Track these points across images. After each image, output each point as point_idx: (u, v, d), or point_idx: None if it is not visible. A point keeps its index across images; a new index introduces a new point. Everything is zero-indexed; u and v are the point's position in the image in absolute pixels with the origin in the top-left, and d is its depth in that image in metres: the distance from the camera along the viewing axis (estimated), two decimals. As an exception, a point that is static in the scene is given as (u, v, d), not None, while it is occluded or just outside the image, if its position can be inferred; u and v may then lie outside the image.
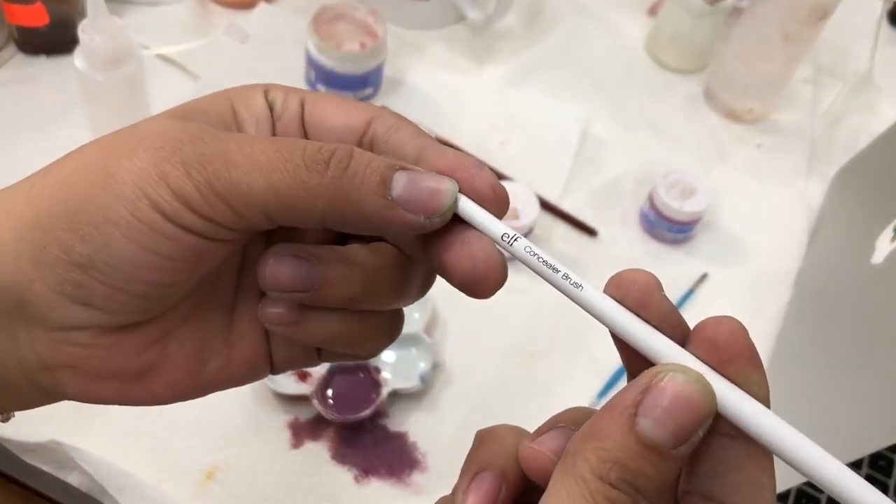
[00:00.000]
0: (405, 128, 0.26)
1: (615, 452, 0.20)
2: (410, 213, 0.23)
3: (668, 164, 0.72)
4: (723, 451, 0.22)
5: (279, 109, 0.27)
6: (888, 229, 0.56)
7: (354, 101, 0.28)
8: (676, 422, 0.20)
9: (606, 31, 0.86)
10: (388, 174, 0.23)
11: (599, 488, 0.20)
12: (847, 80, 0.82)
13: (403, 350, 0.59)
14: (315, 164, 0.23)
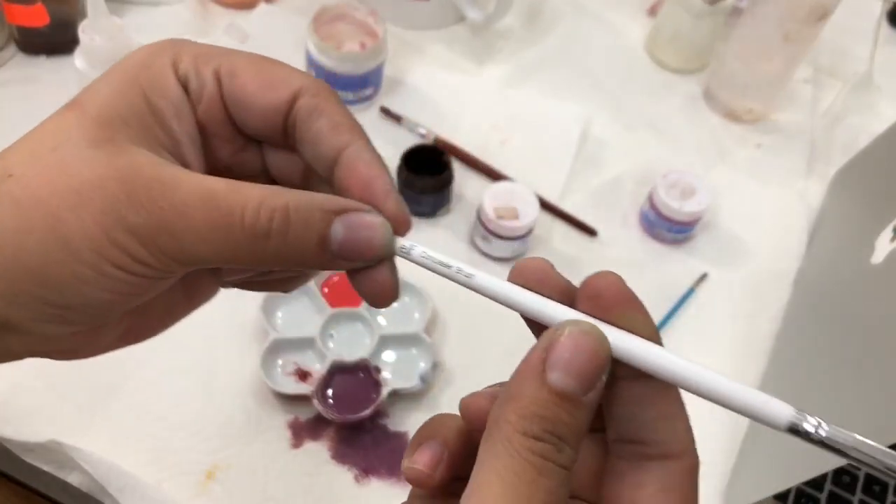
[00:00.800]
0: (325, 114, 0.26)
1: (532, 407, 0.22)
2: (350, 262, 0.25)
3: (667, 164, 0.73)
4: (629, 394, 0.24)
5: (195, 88, 0.26)
6: (888, 229, 0.56)
7: (275, 69, 0.27)
8: (580, 369, 0.22)
9: (606, 32, 0.86)
10: (326, 232, 0.24)
11: (524, 443, 0.21)
12: (847, 80, 0.82)
13: (403, 350, 0.59)
14: (255, 238, 0.24)
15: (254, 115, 0.27)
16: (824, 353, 0.58)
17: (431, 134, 0.72)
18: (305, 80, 0.27)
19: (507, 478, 0.21)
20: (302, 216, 0.24)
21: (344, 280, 0.62)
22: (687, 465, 0.24)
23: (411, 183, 0.65)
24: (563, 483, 0.22)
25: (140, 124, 0.25)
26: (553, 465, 0.21)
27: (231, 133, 0.28)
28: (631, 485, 0.24)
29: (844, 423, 0.52)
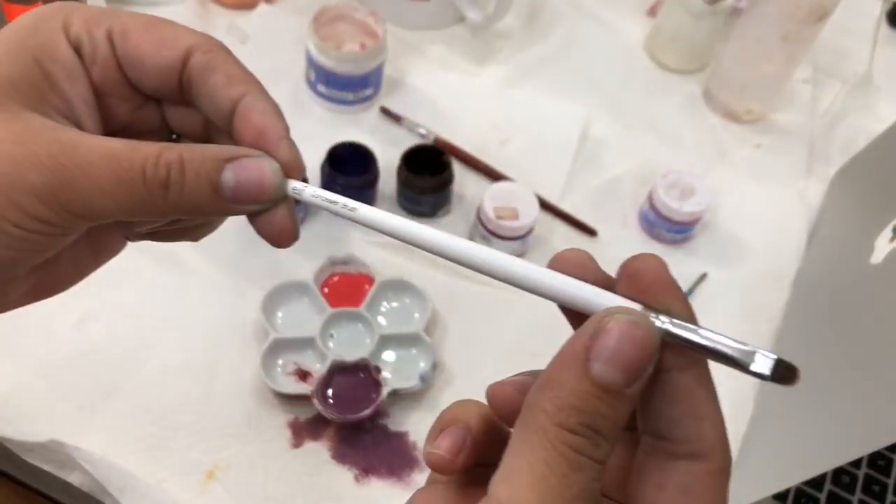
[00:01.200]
0: (219, 69, 0.27)
1: (571, 398, 0.21)
2: (245, 205, 0.26)
3: (667, 165, 0.73)
4: (661, 388, 0.23)
5: (88, 50, 0.27)
6: (887, 229, 0.56)
7: (166, 28, 0.27)
8: (627, 361, 0.21)
9: (606, 32, 0.86)
10: (217, 179, 0.26)
11: (559, 435, 0.21)
12: (846, 81, 0.82)
13: (403, 350, 0.59)
14: (156, 189, 0.25)
15: (149, 73, 0.27)
16: (823, 352, 0.58)
17: (431, 134, 0.72)
18: (197, 37, 0.27)
19: (538, 469, 0.21)
20: (194, 166, 0.25)
21: (344, 280, 0.62)
22: (713, 468, 0.23)
23: (411, 183, 0.65)
24: (596, 477, 0.21)
25: (32, 89, 0.26)
26: (587, 460, 0.21)
27: (128, 92, 0.28)
28: (654, 485, 0.23)
29: (843, 422, 0.52)
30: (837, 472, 0.58)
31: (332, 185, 0.64)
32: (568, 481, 0.21)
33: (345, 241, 0.65)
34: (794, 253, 0.71)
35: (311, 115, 0.73)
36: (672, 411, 0.23)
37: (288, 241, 0.28)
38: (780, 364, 0.22)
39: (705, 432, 0.23)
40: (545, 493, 0.21)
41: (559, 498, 0.21)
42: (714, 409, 0.23)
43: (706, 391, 0.23)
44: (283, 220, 0.27)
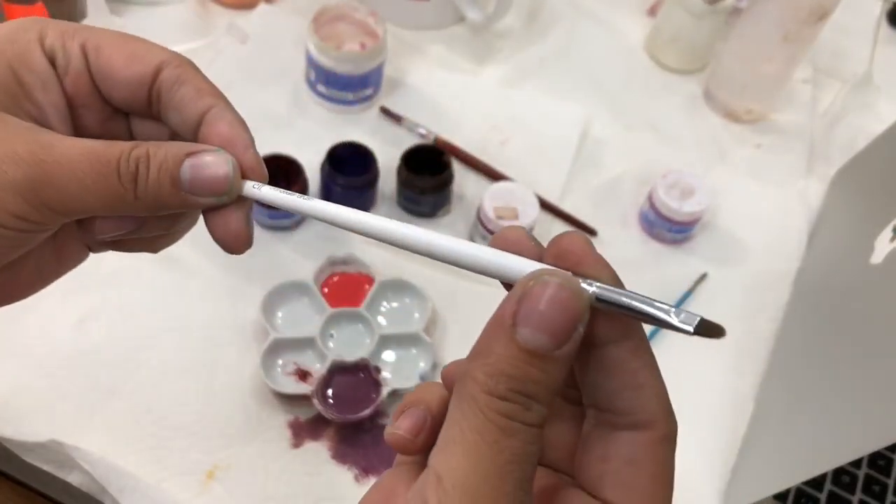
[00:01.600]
0: (188, 82, 0.29)
1: (500, 365, 0.21)
2: (203, 197, 0.27)
3: (667, 165, 0.73)
4: (594, 362, 0.23)
5: (62, 62, 0.28)
6: (887, 229, 0.56)
7: (138, 43, 0.29)
8: (553, 323, 0.21)
9: (606, 32, 0.86)
10: (176, 172, 0.27)
11: (489, 403, 0.21)
12: (846, 81, 0.82)
13: (403, 350, 0.59)
14: (128, 182, 0.26)
15: (120, 86, 0.28)
16: (824, 352, 0.58)
17: (431, 134, 0.72)
18: (167, 53, 0.29)
19: (470, 437, 0.21)
20: (158, 160, 0.27)
21: (344, 280, 0.62)
22: (656, 436, 0.23)
23: (411, 183, 0.65)
24: (530, 441, 0.21)
25: (7, 96, 0.27)
26: (519, 425, 0.21)
27: (98, 104, 0.29)
28: (598, 458, 0.23)
29: (844, 422, 0.52)
30: (837, 472, 0.58)
31: (332, 185, 0.64)
32: (499, 447, 0.21)
33: (345, 241, 0.65)
34: (794, 253, 0.71)
35: (311, 115, 0.73)
36: (611, 384, 0.23)
37: (240, 247, 0.29)
38: (703, 322, 0.22)
39: (645, 402, 0.23)
40: (477, 461, 0.21)
41: (491, 465, 0.21)
42: (653, 378, 0.24)
43: (643, 362, 0.23)
44: (238, 223, 0.28)
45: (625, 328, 0.23)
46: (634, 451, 0.23)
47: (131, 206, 0.27)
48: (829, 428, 0.51)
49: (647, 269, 0.68)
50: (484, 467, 0.21)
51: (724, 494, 0.57)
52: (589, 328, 0.23)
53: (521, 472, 0.21)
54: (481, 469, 0.21)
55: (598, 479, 0.23)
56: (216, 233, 0.29)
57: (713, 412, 0.61)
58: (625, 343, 0.23)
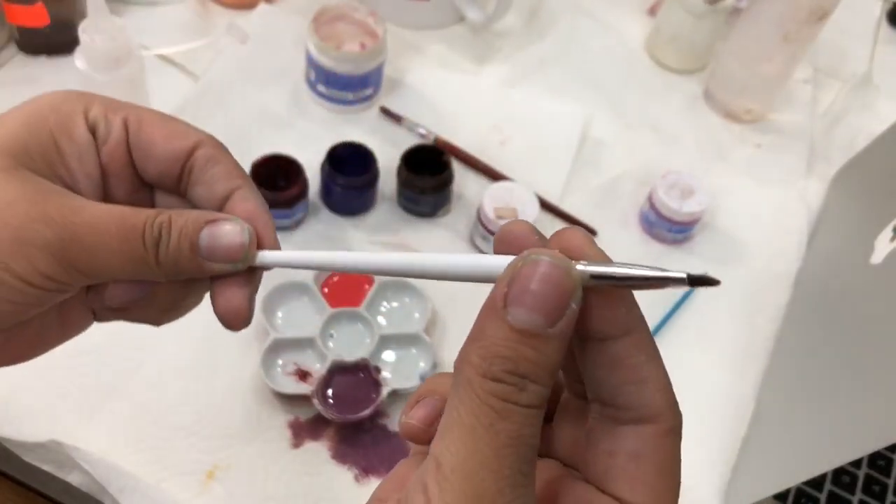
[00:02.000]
0: (222, 163, 0.30)
1: (493, 347, 0.21)
2: (217, 263, 0.29)
3: (667, 165, 0.73)
4: (597, 358, 0.23)
5: (102, 133, 0.29)
6: (887, 229, 0.56)
7: (178, 123, 0.30)
8: (545, 301, 0.21)
9: (606, 32, 0.86)
10: (195, 238, 0.28)
11: (484, 385, 0.21)
12: (846, 81, 0.82)
13: (403, 350, 0.59)
14: (151, 247, 0.28)
15: (157, 159, 0.30)
16: (824, 353, 0.58)
17: (431, 134, 0.72)
18: (204, 134, 0.31)
19: (467, 421, 0.21)
20: (179, 226, 0.28)
21: (344, 280, 0.62)
22: (661, 430, 0.23)
23: (411, 183, 0.65)
24: (528, 423, 0.21)
25: (44, 160, 0.28)
26: (515, 407, 0.21)
27: (129, 176, 0.31)
28: (604, 452, 0.23)
29: (843, 422, 0.52)
30: (837, 472, 0.58)
31: (332, 185, 0.64)
32: (495, 430, 0.21)
33: (345, 241, 0.65)
34: (794, 253, 0.71)
35: (311, 115, 0.73)
36: (614, 379, 0.23)
37: (238, 324, 0.30)
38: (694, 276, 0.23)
39: (649, 396, 0.23)
40: (474, 445, 0.21)
41: (488, 448, 0.21)
42: (656, 371, 0.23)
43: (646, 355, 0.23)
44: (241, 300, 0.30)
45: (626, 322, 0.23)
46: (640, 444, 0.23)
47: (152, 271, 0.28)
48: (829, 428, 0.51)
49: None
50: (481, 451, 0.21)
51: (725, 494, 0.57)
52: (591, 323, 0.23)
53: (518, 454, 0.21)
54: (478, 453, 0.21)
55: (605, 473, 0.23)
56: (219, 307, 0.30)
57: (713, 412, 0.61)
58: (627, 338, 0.23)
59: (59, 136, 0.29)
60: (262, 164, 0.62)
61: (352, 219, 0.66)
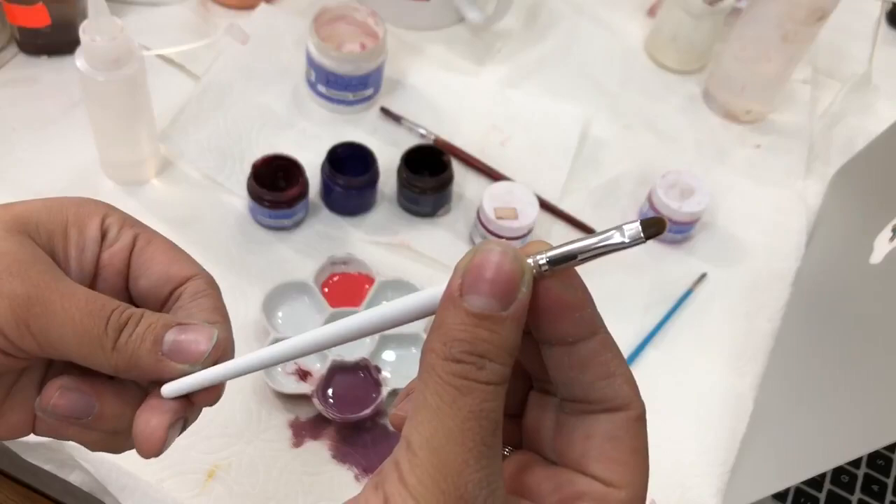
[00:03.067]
0: (209, 298, 0.31)
1: (452, 332, 0.23)
2: (178, 363, 0.29)
3: (667, 165, 0.73)
4: (566, 360, 0.25)
5: (111, 238, 0.31)
6: (886, 229, 0.56)
7: (183, 255, 0.32)
8: (497, 285, 0.23)
9: (606, 32, 0.86)
10: (161, 335, 0.29)
11: (444, 367, 0.23)
12: (845, 81, 0.82)
13: (403, 349, 0.59)
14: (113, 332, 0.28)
15: (150, 277, 0.31)
16: (823, 352, 0.58)
17: (431, 134, 0.72)
18: (202, 270, 0.32)
19: (432, 401, 0.23)
20: (148, 321, 0.29)
21: (344, 280, 0.62)
22: (632, 415, 0.25)
23: (411, 183, 0.65)
24: (488, 398, 0.23)
25: (48, 239, 0.30)
26: (474, 384, 0.22)
27: (119, 285, 0.32)
28: (581, 437, 0.25)
29: (843, 422, 0.52)
30: (837, 471, 0.58)
31: (332, 185, 0.64)
32: (457, 405, 0.22)
33: (345, 241, 0.65)
34: (793, 253, 0.71)
35: (311, 115, 0.73)
36: (586, 377, 0.25)
37: (148, 449, 0.29)
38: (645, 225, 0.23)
39: (619, 388, 0.25)
40: (439, 421, 0.22)
41: (451, 422, 0.22)
42: (622, 365, 0.25)
43: (612, 353, 0.25)
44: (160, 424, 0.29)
45: (592, 324, 0.25)
46: (614, 429, 0.25)
47: (105, 357, 0.28)
48: (828, 427, 0.51)
49: (647, 269, 0.68)
50: (445, 426, 0.22)
51: (724, 494, 0.57)
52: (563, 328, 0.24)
53: (481, 426, 0.22)
54: (443, 428, 0.22)
55: (582, 456, 0.25)
56: (135, 427, 0.29)
57: (712, 412, 0.61)
58: (594, 338, 0.25)
59: (71, 227, 0.30)
60: (262, 164, 0.62)
61: (352, 219, 0.66)
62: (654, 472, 0.25)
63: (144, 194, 0.65)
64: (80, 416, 0.30)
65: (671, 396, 0.61)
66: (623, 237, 0.23)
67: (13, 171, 0.64)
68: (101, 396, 0.30)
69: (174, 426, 0.30)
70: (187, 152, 0.68)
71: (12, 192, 0.63)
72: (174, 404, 0.30)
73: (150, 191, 0.65)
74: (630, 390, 0.25)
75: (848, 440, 0.47)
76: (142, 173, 0.65)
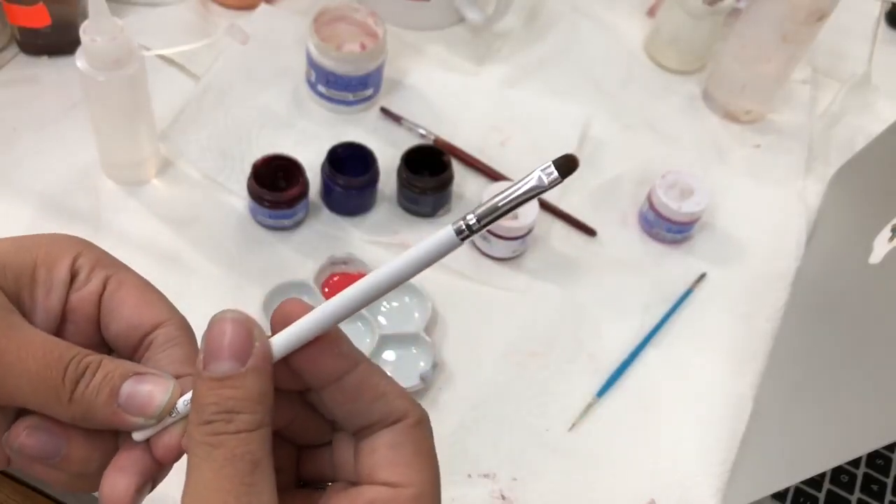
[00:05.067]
0: (181, 346, 0.31)
1: (202, 400, 0.25)
2: (132, 416, 0.28)
3: (666, 165, 0.73)
4: (341, 395, 0.28)
5: (80, 280, 0.30)
6: (886, 229, 0.57)
7: (155, 296, 0.31)
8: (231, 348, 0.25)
9: (606, 33, 0.86)
10: (118, 384, 0.28)
11: (199, 430, 0.25)
12: (845, 81, 0.82)
13: (403, 350, 0.59)
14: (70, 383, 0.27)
15: (121, 323, 0.31)
16: (823, 352, 0.58)
17: (431, 134, 0.72)
18: (175, 314, 0.31)
19: (192, 462, 0.25)
20: (105, 370, 0.28)
21: (344, 280, 0.62)
22: (410, 422, 0.28)
23: (411, 183, 0.65)
24: (241, 444, 0.25)
25: (15, 280, 0.29)
26: (224, 436, 0.25)
27: (90, 331, 0.31)
28: (368, 453, 0.28)
29: (842, 422, 0.52)
30: (836, 471, 0.58)
31: (332, 185, 0.64)
32: (211, 457, 0.25)
33: (345, 241, 0.65)
34: (793, 253, 0.71)
35: (311, 115, 0.73)
36: (362, 402, 0.27)
37: None
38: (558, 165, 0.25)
39: (393, 403, 0.28)
40: (197, 476, 0.25)
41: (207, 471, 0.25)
42: (391, 383, 0.28)
43: (378, 374, 0.28)
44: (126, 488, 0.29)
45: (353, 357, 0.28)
46: (395, 437, 0.27)
47: (62, 407, 0.28)
48: (827, 427, 0.51)
49: (647, 270, 0.68)
50: (202, 475, 0.25)
51: (723, 494, 0.57)
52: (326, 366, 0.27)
53: (237, 469, 0.25)
54: (202, 480, 0.25)
55: (371, 468, 0.27)
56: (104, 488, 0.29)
57: (712, 412, 0.61)
58: (358, 367, 0.27)
59: (40, 267, 0.30)
60: (262, 164, 0.63)
61: (352, 219, 0.66)
62: (653, 472, 0.26)
63: (144, 194, 0.65)
64: (47, 457, 0.29)
65: (671, 396, 0.61)
66: (540, 181, 0.25)
67: (13, 171, 0.64)
68: (70, 439, 0.29)
69: (142, 489, 0.29)
70: (187, 152, 0.68)
71: (12, 193, 0.63)
72: (141, 465, 0.29)
73: (150, 191, 0.65)
74: (404, 402, 0.28)
75: (848, 440, 0.48)
76: (142, 173, 0.65)
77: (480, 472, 0.55)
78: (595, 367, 0.61)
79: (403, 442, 0.27)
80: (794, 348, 0.62)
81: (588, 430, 0.59)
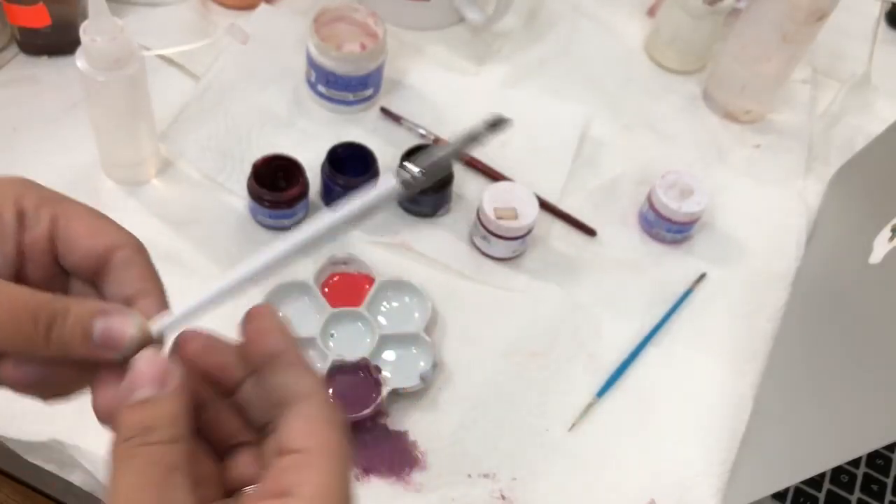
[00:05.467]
0: (136, 266, 0.32)
1: (124, 423, 0.28)
2: (108, 351, 0.30)
3: (666, 165, 0.73)
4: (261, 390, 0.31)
5: (29, 222, 0.31)
6: (886, 229, 0.57)
7: (105, 222, 0.32)
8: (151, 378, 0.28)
9: (606, 33, 0.86)
10: (89, 326, 0.30)
11: (122, 446, 0.28)
12: (845, 81, 0.83)
13: (403, 349, 0.59)
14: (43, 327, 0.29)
15: (77, 254, 0.32)
16: (823, 353, 0.58)
17: (431, 134, 0.72)
18: (127, 237, 0.32)
19: (114, 472, 0.27)
20: (75, 312, 0.29)
21: (344, 280, 0.62)
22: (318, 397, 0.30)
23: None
24: (155, 454, 0.27)
25: None
26: (144, 448, 0.27)
27: (48, 263, 0.32)
28: (284, 431, 0.29)
29: (842, 422, 0.52)
30: (836, 471, 0.58)
31: (332, 185, 0.64)
32: (125, 466, 0.27)
33: (345, 241, 0.65)
34: (793, 253, 0.71)
35: (311, 115, 0.73)
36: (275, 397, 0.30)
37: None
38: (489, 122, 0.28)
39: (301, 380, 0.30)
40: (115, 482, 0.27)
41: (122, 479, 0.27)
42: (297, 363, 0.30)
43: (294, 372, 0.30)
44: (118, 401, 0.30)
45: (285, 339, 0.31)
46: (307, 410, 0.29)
47: (40, 350, 0.29)
48: (827, 427, 0.51)
49: (647, 270, 0.68)
50: (121, 483, 0.27)
51: (723, 493, 0.57)
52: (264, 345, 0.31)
53: (150, 475, 0.27)
54: (123, 481, 0.27)
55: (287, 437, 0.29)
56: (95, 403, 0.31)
57: (712, 412, 0.61)
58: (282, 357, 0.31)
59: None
60: (262, 164, 0.62)
61: (352, 219, 0.66)
62: (653, 472, 0.26)
63: (144, 194, 0.65)
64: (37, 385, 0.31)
65: (671, 396, 0.61)
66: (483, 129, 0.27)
67: (13, 172, 0.64)
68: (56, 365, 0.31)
69: None
70: (187, 152, 0.68)
71: (13, 193, 0.63)
72: None
73: (150, 191, 0.65)
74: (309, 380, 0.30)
75: (848, 440, 0.48)
76: (142, 173, 0.65)
77: (480, 472, 0.55)
78: (595, 367, 0.61)
79: (315, 413, 0.29)
80: (795, 348, 0.62)
81: (588, 430, 0.59)
